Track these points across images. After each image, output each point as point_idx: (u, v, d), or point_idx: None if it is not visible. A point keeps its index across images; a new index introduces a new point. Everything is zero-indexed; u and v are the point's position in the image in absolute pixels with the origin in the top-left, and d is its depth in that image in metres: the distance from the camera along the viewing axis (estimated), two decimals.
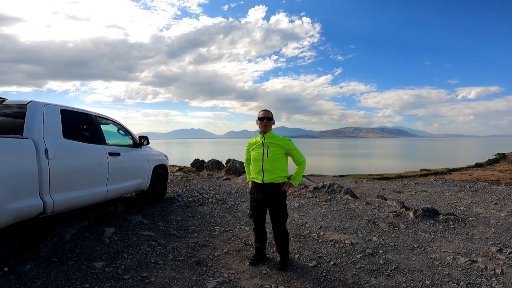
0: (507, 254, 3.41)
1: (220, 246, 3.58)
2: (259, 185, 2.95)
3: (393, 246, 3.68)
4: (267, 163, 2.89)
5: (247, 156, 3.16)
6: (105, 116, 4.27)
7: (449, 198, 7.19)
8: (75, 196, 3.23)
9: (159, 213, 4.69)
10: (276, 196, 2.95)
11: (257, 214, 3.05)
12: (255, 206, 3.03)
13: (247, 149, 3.12)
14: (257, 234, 3.13)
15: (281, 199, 2.98)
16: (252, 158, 3.02)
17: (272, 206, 2.98)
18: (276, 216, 2.99)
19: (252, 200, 3.05)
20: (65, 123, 3.27)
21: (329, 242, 3.75)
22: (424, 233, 4.18)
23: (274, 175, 2.90)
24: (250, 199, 3.11)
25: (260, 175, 2.92)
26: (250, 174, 3.14)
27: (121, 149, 4.14)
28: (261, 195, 2.96)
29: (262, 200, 2.97)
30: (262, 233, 3.13)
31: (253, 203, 3.05)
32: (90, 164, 3.51)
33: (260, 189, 2.96)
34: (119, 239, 3.56)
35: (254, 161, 2.97)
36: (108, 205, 4.73)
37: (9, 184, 2.50)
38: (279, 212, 2.98)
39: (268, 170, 2.89)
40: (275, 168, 2.90)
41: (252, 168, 3.03)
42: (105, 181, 3.70)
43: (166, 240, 3.66)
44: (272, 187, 2.92)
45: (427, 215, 4.82)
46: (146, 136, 4.80)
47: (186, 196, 5.90)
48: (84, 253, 3.11)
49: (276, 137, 2.97)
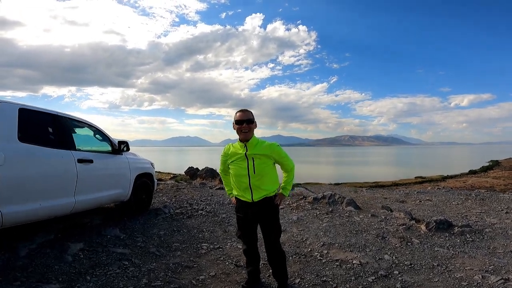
0: None
1: (207, 267, 3.03)
2: (248, 204, 2.42)
3: (409, 265, 3.17)
4: (255, 179, 2.34)
5: (223, 167, 2.60)
6: (79, 119, 3.77)
7: (457, 207, 6.76)
8: (31, 209, 2.72)
9: (140, 227, 4.13)
10: (269, 211, 2.43)
11: (247, 233, 2.53)
12: (243, 225, 2.51)
13: (223, 159, 2.55)
14: (249, 256, 2.60)
15: (274, 213, 2.47)
16: (233, 173, 2.45)
17: (264, 222, 2.46)
18: (269, 233, 2.46)
19: (239, 218, 2.51)
20: (24, 124, 2.78)
21: (334, 262, 3.23)
22: (441, 248, 3.68)
23: (264, 191, 2.38)
24: (237, 217, 2.56)
25: (248, 193, 2.38)
26: (230, 186, 2.61)
27: (95, 156, 3.61)
28: (251, 213, 2.43)
29: (253, 217, 2.45)
30: (254, 254, 2.60)
31: (240, 222, 2.52)
32: (51, 172, 2.97)
33: (249, 207, 2.43)
34: (85, 257, 3.01)
35: (237, 177, 2.41)
36: (84, 216, 4.18)
37: None
38: (273, 228, 2.46)
39: (257, 187, 2.36)
40: (264, 184, 2.37)
41: (235, 184, 2.47)
42: (72, 191, 3.16)
43: (143, 259, 3.10)
44: (263, 203, 2.39)
45: (440, 228, 4.34)
46: (126, 142, 4.28)
47: (174, 207, 5.34)
48: (37, 273, 2.60)
49: (261, 145, 2.38)
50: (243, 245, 2.61)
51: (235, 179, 2.44)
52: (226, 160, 2.52)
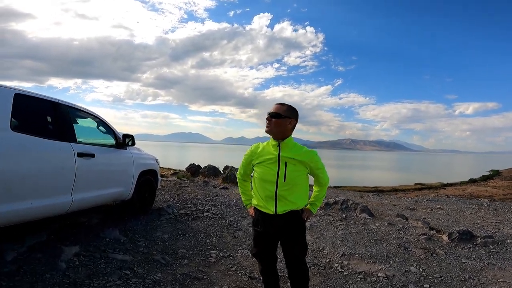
0: None
1: (218, 279, 2.72)
2: (269, 216, 1.97)
3: (439, 278, 2.89)
4: (283, 188, 1.91)
5: (244, 170, 2.16)
6: (82, 108, 3.45)
7: (471, 217, 6.47)
8: (21, 208, 2.38)
9: (142, 228, 3.82)
10: (295, 227, 1.99)
11: (266, 251, 2.09)
12: (262, 241, 2.07)
13: (248, 158, 2.10)
14: (267, 277, 2.18)
15: (301, 230, 2.04)
16: (258, 177, 2.00)
17: (288, 239, 2.02)
18: (294, 251, 2.03)
19: (258, 234, 2.05)
20: (18, 111, 2.45)
21: (357, 275, 2.93)
22: (468, 260, 3.40)
23: (291, 205, 1.94)
24: (253, 232, 2.11)
25: (271, 203, 1.94)
26: (249, 195, 2.19)
27: (97, 149, 3.29)
28: (272, 228, 1.99)
29: (274, 233, 2.01)
30: (273, 274, 2.18)
31: (258, 237, 2.07)
32: (47, 166, 2.63)
33: (270, 221, 1.97)
34: (81, 263, 2.68)
35: (263, 181, 1.97)
36: (81, 215, 3.87)
37: None
38: (298, 245, 2.03)
39: (284, 198, 1.93)
40: (293, 195, 1.94)
41: (257, 191, 2.01)
42: (69, 188, 2.83)
43: (146, 268, 2.78)
44: (288, 218, 1.96)
45: (463, 238, 4.06)
46: (132, 135, 3.97)
47: (178, 207, 5.04)
48: (25, 281, 2.27)
49: (299, 149, 1.97)
50: (259, 265, 2.18)
51: (258, 185, 2.00)
52: (251, 160, 2.07)
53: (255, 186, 2.04)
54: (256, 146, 2.09)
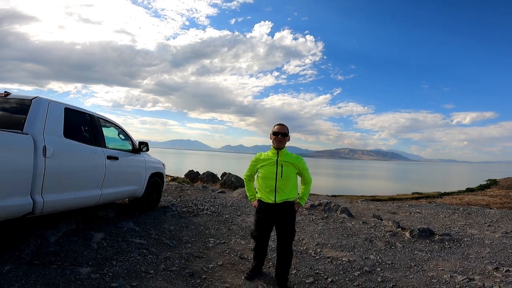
0: (503, 272, 3.39)
1: (215, 258, 3.47)
2: (270, 205, 2.81)
3: (390, 264, 3.62)
4: (280, 182, 2.77)
5: (251, 172, 2.99)
6: (107, 119, 4.24)
7: (443, 219, 7.19)
8: (67, 198, 3.12)
9: (152, 221, 4.56)
10: (288, 214, 2.84)
11: (264, 233, 2.93)
12: (262, 225, 2.89)
13: (254, 164, 2.95)
14: (258, 253, 3.02)
15: (292, 217, 2.87)
16: (262, 176, 2.85)
17: (282, 224, 2.84)
18: (285, 234, 2.84)
19: (260, 219, 2.89)
20: (68, 122, 3.22)
21: (326, 259, 3.68)
22: (420, 252, 4.13)
23: (286, 195, 2.79)
24: (256, 217, 2.94)
25: (272, 195, 2.79)
26: (253, 191, 3.02)
27: (120, 154, 4.08)
28: (271, 215, 2.83)
29: (272, 219, 2.85)
30: (264, 251, 3.04)
31: (260, 222, 2.90)
32: (87, 166, 3.43)
33: (271, 209, 2.82)
34: (108, 245, 3.42)
35: (265, 179, 2.82)
36: (99, 209, 4.61)
37: (2, 179, 2.40)
38: (288, 230, 2.84)
39: (281, 190, 2.78)
40: (287, 188, 2.80)
41: (261, 186, 2.86)
42: (100, 184, 3.61)
43: (158, 249, 3.53)
44: (285, 206, 2.81)
45: (423, 235, 4.80)
46: (146, 143, 4.75)
47: (180, 206, 5.78)
48: (69, 257, 2.97)
49: (290, 156, 2.86)
50: (256, 244, 3.00)
51: (262, 182, 2.85)
52: (256, 165, 2.93)
53: (259, 183, 2.90)
54: (259, 154, 2.98)
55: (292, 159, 2.84)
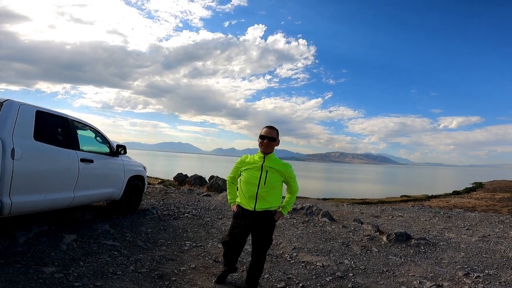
0: (473, 278, 3.47)
1: (188, 261, 3.45)
2: (249, 212, 2.62)
3: (363, 270, 3.67)
4: (263, 190, 2.56)
5: (234, 174, 2.80)
6: (83, 122, 4.20)
7: (423, 223, 7.33)
8: (36, 200, 3.10)
9: (129, 224, 4.51)
10: (267, 223, 2.66)
11: (237, 239, 2.74)
12: (237, 232, 2.70)
13: (238, 166, 2.75)
14: (230, 260, 2.89)
15: (271, 227, 2.71)
16: (244, 180, 2.65)
17: (259, 233, 2.67)
18: (261, 243, 2.69)
19: (235, 226, 2.70)
20: (39, 124, 3.21)
21: (300, 264, 3.70)
22: (395, 257, 4.21)
23: (268, 204, 2.59)
24: (232, 223, 2.75)
25: (252, 202, 2.59)
26: (234, 195, 2.83)
27: (95, 156, 4.03)
28: (249, 222, 2.64)
29: (249, 227, 2.66)
30: (235, 258, 2.91)
31: (235, 229, 2.70)
32: (58, 169, 3.39)
33: (249, 216, 2.63)
34: (78, 246, 3.39)
35: (247, 184, 2.62)
36: (75, 211, 4.54)
37: None
38: (266, 240, 2.71)
39: (263, 198, 2.57)
40: (270, 197, 2.59)
41: (242, 191, 2.66)
42: (72, 187, 3.57)
43: (131, 251, 3.50)
44: (264, 215, 2.62)
45: (399, 239, 4.88)
46: (124, 145, 4.71)
47: (161, 209, 5.73)
48: (35, 257, 2.96)
49: (278, 162, 2.64)
50: (225, 250, 2.83)
51: (243, 186, 2.65)
52: (240, 167, 2.73)
53: (240, 187, 2.71)
54: (245, 156, 2.78)
55: (279, 166, 2.63)
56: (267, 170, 2.58)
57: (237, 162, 2.79)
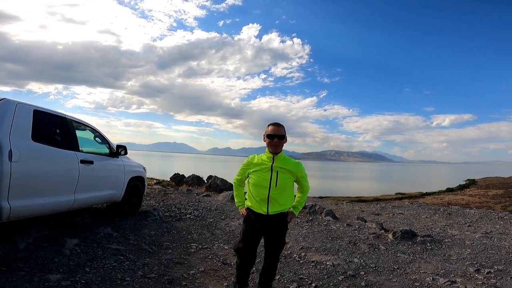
0: (485, 274, 3.46)
1: (196, 264, 3.34)
2: (261, 216, 2.42)
3: (374, 268, 3.62)
4: (274, 192, 2.38)
5: (241, 177, 2.59)
6: (82, 122, 4.04)
7: (425, 220, 7.36)
8: (36, 203, 2.95)
9: (131, 227, 4.37)
10: (281, 226, 2.50)
11: (251, 246, 2.52)
12: (250, 237, 2.48)
13: (245, 168, 2.53)
14: (243, 273, 2.60)
15: (284, 229, 2.55)
16: (253, 183, 2.45)
17: (272, 236, 2.50)
18: (275, 246, 2.53)
19: (247, 231, 2.49)
20: (37, 125, 3.05)
21: (310, 263, 3.63)
22: (403, 254, 4.17)
23: (281, 206, 2.42)
24: (244, 228, 2.52)
25: (264, 205, 2.39)
26: (242, 198, 2.64)
27: (95, 157, 3.88)
28: (261, 226, 2.45)
29: (261, 230, 2.48)
30: (249, 272, 2.64)
31: (247, 234, 2.49)
32: (58, 171, 3.24)
33: (261, 220, 2.44)
34: (82, 251, 3.25)
35: (257, 186, 2.42)
36: (75, 215, 4.38)
37: None
38: (279, 242, 2.55)
39: (275, 200, 2.39)
40: (282, 198, 2.42)
41: (252, 194, 2.46)
42: (73, 189, 3.41)
43: (137, 255, 3.37)
44: (277, 218, 2.44)
45: (405, 237, 4.86)
46: (124, 146, 4.56)
47: (163, 211, 5.59)
48: (38, 264, 2.82)
49: (288, 161, 2.46)
50: (240, 261, 2.56)
51: (253, 189, 2.46)
52: (247, 169, 2.52)
53: (249, 190, 2.49)
54: (252, 157, 2.56)
55: (290, 166, 2.44)
56: (277, 171, 2.40)
57: (243, 163, 2.59)
